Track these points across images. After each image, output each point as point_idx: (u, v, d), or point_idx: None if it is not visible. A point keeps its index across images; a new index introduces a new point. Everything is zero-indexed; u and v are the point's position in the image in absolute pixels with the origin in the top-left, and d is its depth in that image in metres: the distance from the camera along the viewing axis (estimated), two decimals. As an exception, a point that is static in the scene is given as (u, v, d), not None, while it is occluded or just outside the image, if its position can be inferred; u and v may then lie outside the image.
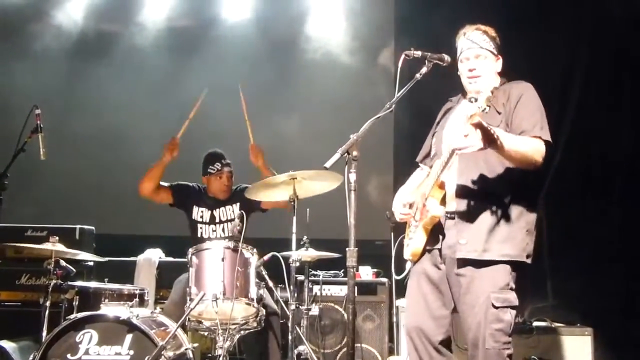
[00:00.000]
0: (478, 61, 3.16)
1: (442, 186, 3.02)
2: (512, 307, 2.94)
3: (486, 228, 2.95)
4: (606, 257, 5.31)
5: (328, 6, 6.70)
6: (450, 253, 3.03)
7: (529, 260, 2.99)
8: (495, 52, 3.19)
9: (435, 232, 3.10)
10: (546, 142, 2.94)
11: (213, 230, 4.66)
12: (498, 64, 3.21)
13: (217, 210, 4.70)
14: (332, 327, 4.89)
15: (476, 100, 2.61)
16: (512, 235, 2.96)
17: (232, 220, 4.51)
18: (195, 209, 4.73)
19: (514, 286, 2.96)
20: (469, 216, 2.99)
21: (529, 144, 2.90)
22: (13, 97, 6.06)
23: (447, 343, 3.11)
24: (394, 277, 3.32)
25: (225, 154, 4.80)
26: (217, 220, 4.65)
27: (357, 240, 2.82)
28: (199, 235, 4.65)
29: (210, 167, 4.71)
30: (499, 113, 3.04)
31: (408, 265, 3.22)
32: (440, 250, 3.09)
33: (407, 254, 3.20)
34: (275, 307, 4.26)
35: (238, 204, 4.66)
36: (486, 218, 2.97)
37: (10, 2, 6.65)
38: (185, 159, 4.83)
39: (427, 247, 3.11)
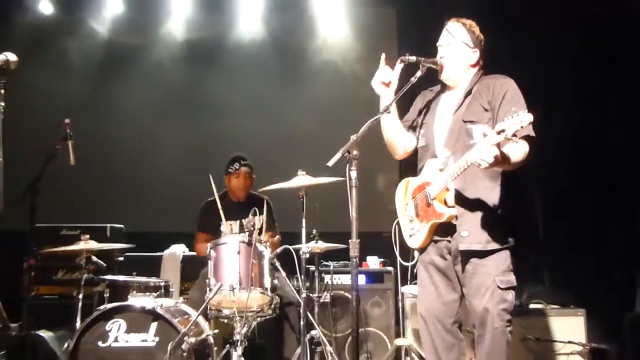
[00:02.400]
0: (449, 48, 3.16)
1: (447, 189, 3.04)
2: (513, 288, 2.97)
3: (484, 221, 2.96)
4: (597, 244, 5.30)
5: (335, 18, 6.70)
6: (455, 245, 3.04)
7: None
8: (472, 45, 3.15)
9: (439, 227, 3.11)
10: (531, 139, 2.92)
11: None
12: (473, 56, 3.16)
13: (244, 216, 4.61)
14: (342, 313, 4.91)
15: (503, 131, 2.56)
16: (507, 225, 2.99)
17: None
18: (222, 225, 4.59)
19: (512, 268, 3.00)
20: (468, 211, 3.00)
21: (522, 151, 2.88)
22: (45, 107, 6.12)
23: (458, 325, 3.13)
24: (402, 263, 3.31)
25: (246, 157, 4.86)
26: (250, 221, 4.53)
27: (364, 233, 2.84)
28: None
29: (230, 166, 4.79)
30: (486, 110, 3.03)
31: (416, 254, 3.24)
32: (445, 243, 3.10)
33: (414, 245, 3.21)
34: (290, 295, 4.29)
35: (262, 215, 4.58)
36: (483, 212, 2.98)
37: (43, 19, 6.70)
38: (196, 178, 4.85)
39: (435, 238, 3.12)
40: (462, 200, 3.02)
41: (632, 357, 2.18)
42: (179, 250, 5.54)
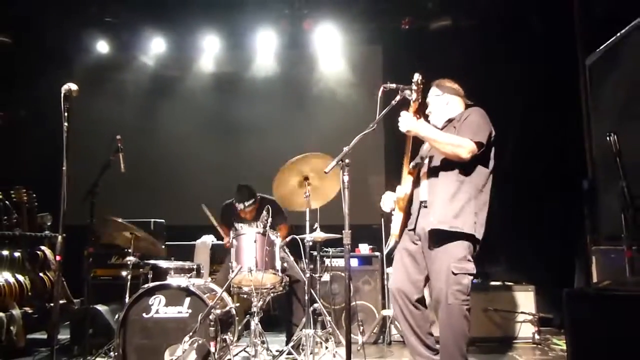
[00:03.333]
0: (430, 107, 3.24)
1: (410, 172, 3.06)
2: (470, 274, 2.92)
3: (446, 210, 2.93)
4: (544, 232, 5.30)
5: (332, 54, 6.69)
6: (422, 232, 3.03)
7: (478, 235, 2.95)
8: (441, 94, 3.21)
9: (410, 216, 3.12)
10: (477, 142, 2.91)
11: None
12: (445, 100, 3.20)
13: (253, 224, 4.58)
14: (339, 289, 4.88)
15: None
16: (465, 215, 2.93)
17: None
18: (236, 224, 4.65)
19: (470, 258, 2.93)
20: (434, 204, 3.00)
21: (448, 137, 2.91)
22: (101, 126, 6.10)
23: (421, 301, 3.10)
24: (384, 251, 3.29)
25: (250, 190, 4.54)
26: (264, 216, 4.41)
27: (357, 225, 2.85)
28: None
29: (237, 203, 4.56)
30: (454, 129, 3.04)
31: (391, 242, 3.17)
32: (414, 230, 3.10)
33: (393, 231, 3.18)
34: (297, 275, 4.28)
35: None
36: (446, 203, 2.95)
37: (100, 57, 6.72)
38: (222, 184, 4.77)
39: (408, 228, 3.12)
40: (432, 193, 3.02)
41: (568, 324, 2.17)
42: (208, 239, 5.55)
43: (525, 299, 4.67)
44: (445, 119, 3.18)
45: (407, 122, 2.90)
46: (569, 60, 5.16)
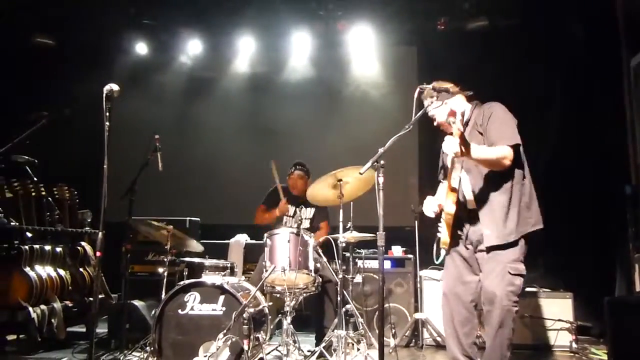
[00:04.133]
0: (439, 119, 3.12)
1: (453, 190, 2.99)
2: (522, 275, 2.92)
3: (501, 219, 2.92)
4: (585, 240, 5.15)
5: (366, 55, 6.68)
6: (475, 238, 3.02)
7: (537, 227, 2.96)
8: (441, 104, 3.09)
9: (461, 224, 3.08)
10: (514, 146, 2.88)
11: (292, 222, 4.58)
12: (448, 107, 3.07)
13: (299, 208, 4.68)
14: (371, 291, 4.86)
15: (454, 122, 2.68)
16: (520, 217, 2.93)
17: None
18: (280, 206, 4.65)
19: (522, 259, 2.94)
20: (485, 212, 2.97)
21: (494, 152, 2.87)
22: (139, 126, 6.23)
23: (474, 303, 3.08)
24: (436, 261, 3.23)
25: (304, 163, 4.80)
26: (298, 216, 4.44)
27: (390, 227, 2.83)
28: (283, 222, 4.63)
29: (290, 169, 4.77)
30: (481, 134, 3.00)
31: (442, 252, 3.15)
32: (466, 237, 3.08)
33: (443, 240, 3.15)
34: (330, 276, 4.27)
35: (314, 209, 4.65)
36: (498, 211, 2.93)
37: (139, 58, 6.86)
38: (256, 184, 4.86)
39: (459, 234, 3.09)
40: (481, 205, 2.98)
41: (610, 333, 2.10)
42: (242, 238, 5.58)
43: (563, 307, 4.55)
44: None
45: (455, 146, 2.74)
46: (611, 61, 5.01)
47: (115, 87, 3.12)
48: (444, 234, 3.08)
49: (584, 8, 5.32)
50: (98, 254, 3.03)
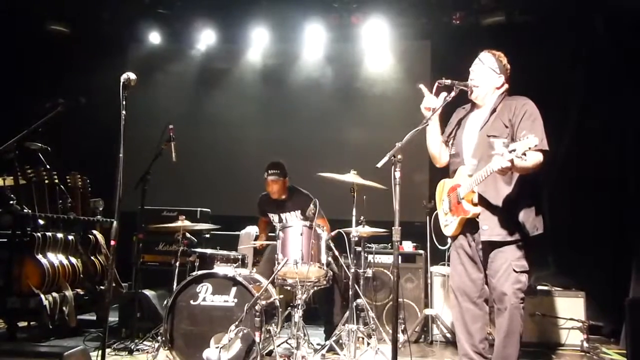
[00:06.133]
0: (477, 74, 3.08)
1: (473, 191, 2.96)
2: (526, 272, 2.90)
3: (502, 217, 2.88)
4: (597, 238, 5.08)
5: (380, 48, 6.61)
6: (478, 237, 2.98)
7: (538, 232, 2.92)
8: (498, 71, 3.05)
9: (466, 221, 3.04)
10: (545, 151, 2.82)
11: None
12: (498, 80, 3.06)
13: (284, 214, 4.58)
14: (381, 286, 4.84)
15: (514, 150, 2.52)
16: (524, 220, 2.90)
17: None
18: (269, 215, 4.69)
19: (527, 256, 2.92)
20: (488, 210, 2.93)
21: (537, 161, 2.80)
22: (154, 116, 6.22)
23: (483, 299, 3.06)
24: (438, 247, 3.22)
25: (278, 163, 4.52)
26: (285, 222, 4.39)
27: (401, 222, 2.79)
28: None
29: (264, 174, 4.55)
30: (507, 127, 2.94)
31: (449, 240, 3.19)
32: (470, 233, 3.04)
33: (447, 233, 3.15)
34: (341, 270, 4.25)
35: (299, 211, 4.50)
36: (500, 210, 2.89)
37: (153, 47, 6.83)
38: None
39: (464, 231, 3.06)
40: (483, 200, 2.94)
41: (631, 335, 2.05)
42: (252, 230, 5.52)
43: (575, 305, 4.52)
44: (491, 105, 3.05)
45: (503, 163, 2.60)
46: (634, 55, 4.88)
47: (132, 75, 3.09)
48: (453, 227, 3.06)
49: (605, 3, 5.21)
50: (113, 242, 3.01)
